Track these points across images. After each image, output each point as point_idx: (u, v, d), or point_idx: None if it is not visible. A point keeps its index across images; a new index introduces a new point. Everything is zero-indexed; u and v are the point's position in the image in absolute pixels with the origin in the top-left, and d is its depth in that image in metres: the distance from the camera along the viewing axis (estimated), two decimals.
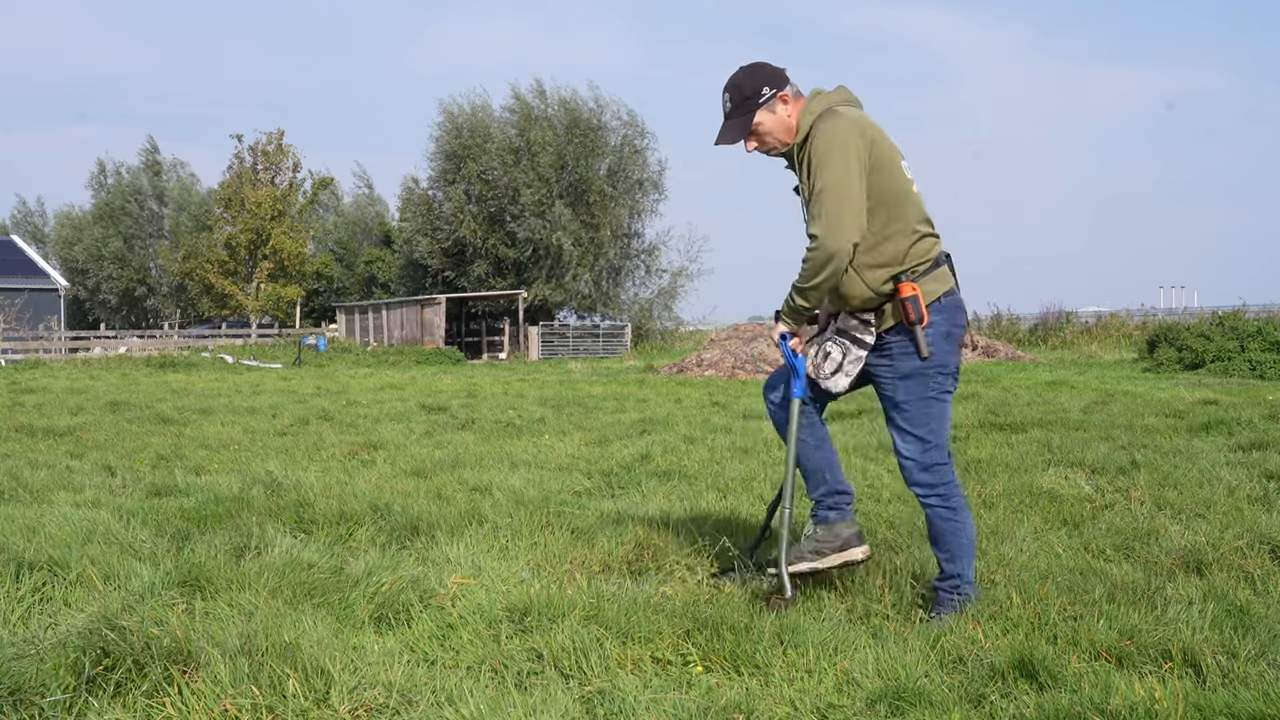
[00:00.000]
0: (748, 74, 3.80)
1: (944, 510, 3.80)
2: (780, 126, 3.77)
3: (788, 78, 3.81)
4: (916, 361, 3.73)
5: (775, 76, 3.78)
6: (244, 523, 5.09)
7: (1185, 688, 2.95)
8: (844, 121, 3.68)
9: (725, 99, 3.82)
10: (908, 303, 3.68)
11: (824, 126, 3.69)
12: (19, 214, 67.11)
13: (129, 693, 3.02)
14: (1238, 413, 9.31)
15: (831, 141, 3.64)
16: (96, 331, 45.85)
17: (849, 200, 3.60)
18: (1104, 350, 25.15)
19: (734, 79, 3.81)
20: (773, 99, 3.75)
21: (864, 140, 3.66)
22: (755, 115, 3.76)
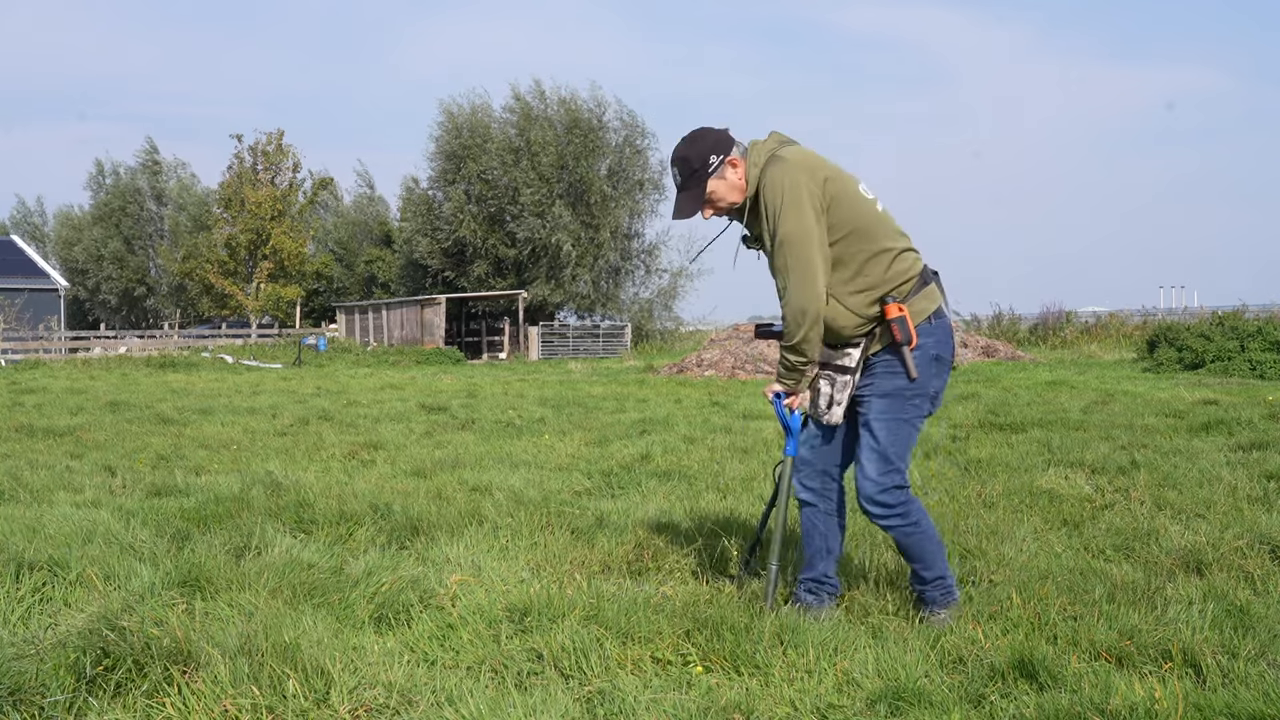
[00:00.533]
0: (692, 145, 3.74)
1: (905, 528, 3.76)
2: (732, 190, 3.73)
3: (732, 139, 3.75)
4: (899, 382, 3.70)
5: (719, 142, 3.73)
6: (244, 523, 5.09)
7: (1185, 688, 2.96)
8: (789, 166, 3.64)
9: (674, 173, 3.77)
10: (894, 324, 3.66)
11: (770, 176, 3.66)
12: (19, 214, 67.14)
13: (129, 693, 3.02)
14: (1238, 413, 9.31)
15: (780, 190, 3.62)
16: (96, 331, 45.86)
17: (809, 246, 3.58)
18: (1104, 350, 25.15)
19: (679, 153, 3.76)
20: (721, 165, 3.71)
21: (814, 180, 3.62)
22: (707, 185, 3.72)
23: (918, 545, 3.78)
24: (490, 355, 38.32)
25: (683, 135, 3.80)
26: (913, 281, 3.72)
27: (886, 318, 3.66)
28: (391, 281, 46.94)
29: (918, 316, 3.70)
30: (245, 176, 43.50)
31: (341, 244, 52.82)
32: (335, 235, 53.34)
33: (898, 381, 3.70)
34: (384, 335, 38.11)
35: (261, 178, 43.73)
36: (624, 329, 38.54)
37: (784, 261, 3.61)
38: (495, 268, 40.04)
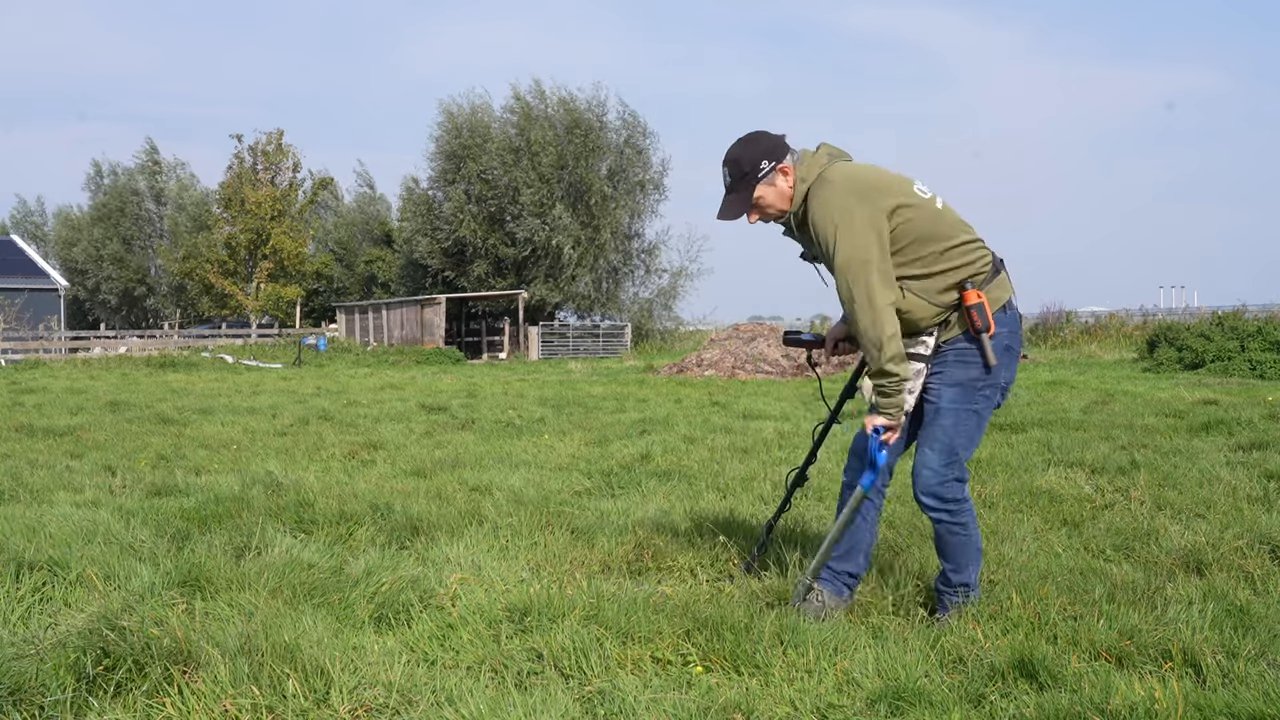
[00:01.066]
0: (746, 147, 3.69)
1: (953, 526, 3.73)
2: (781, 198, 3.68)
3: (787, 146, 3.70)
4: (973, 371, 3.66)
5: (774, 148, 3.67)
6: (244, 523, 5.09)
7: (1185, 688, 2.96)
8: (836, 190, 3.58)
9: (725, 173, 3.72)
10: (974, 310, 3.61)
11: (819, 200, 3.60)
12: (19, 214, 67.14)
13: (129, 693, 3.02)
14: (1238, 413, 9.31)
15: (829, 216, 3.56)
16: (96, 331, 45.85)
17: (867, 271, 3.52)
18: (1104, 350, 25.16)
19: (733, 153, 3.71)
20: (772, 172, 3.65)
21: (865, 201, 3.56)
22: (755, 190, 3.66)
23: (959, 546, 3.75)
24: (490, 355, 38.31)
25: (739, 136, 3.75)
26: (987, 270, 3.70)
27: (965, 304, 3.63)
28: (391, 281, 46.93)
29: (993, 304, 3.67)
30: (245, 176, 43.49)
31: (341, 244, 52.82)
32: (335, 235, 53.34)
33: (971, 371, 3.66)
34: (384, 335, 38.10)
35: (261, 178, 43.73)
36: (624, 329, 38.54)
37: (845, 290, 3.56)
38: (495, 268, 40.03)
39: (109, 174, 58.90)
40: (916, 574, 4.22)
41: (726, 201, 3.73)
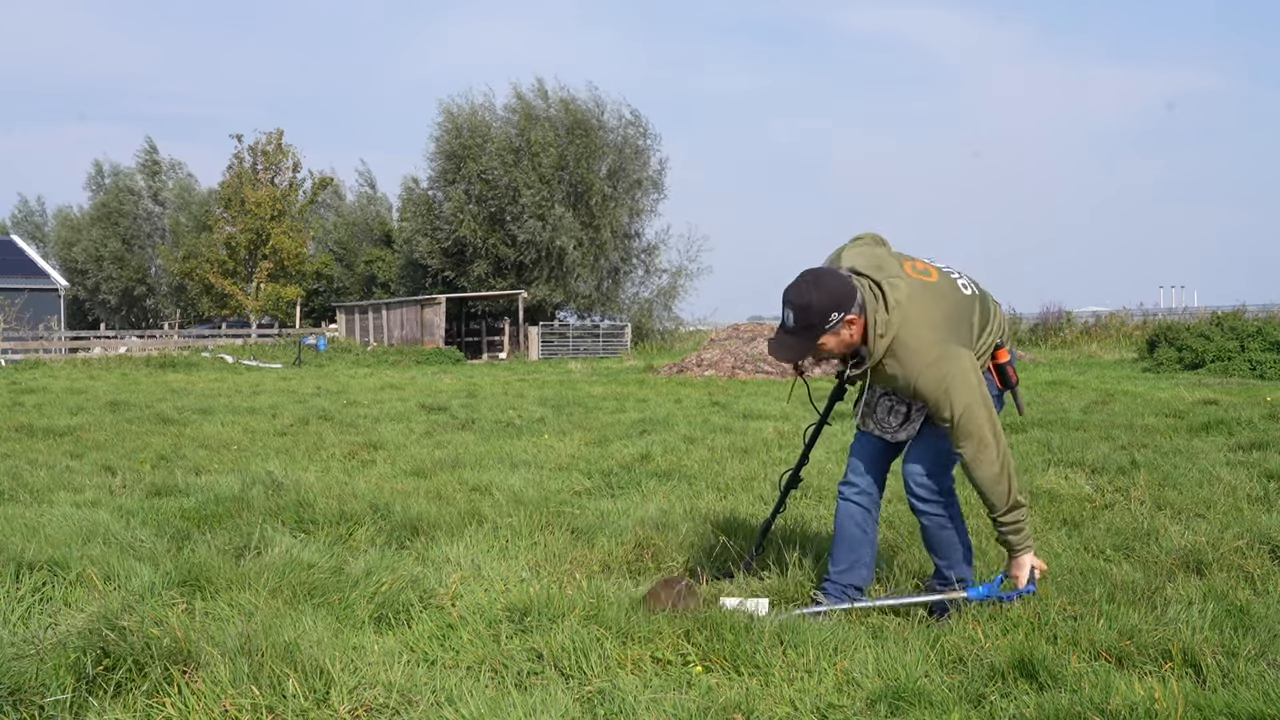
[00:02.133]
0: (817, 292, 3.50)
1: (943, 520, 3.80)
2: (841, 345, 3.60)
3: (855, 289, 3.53)
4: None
5: (845, 296, 3.50)
6: (244, 523, 5.09)
7: (1185, 688, 2.96)
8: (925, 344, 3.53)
9: (789, 314, 3.53)
10: (1009, 367, 3.79)
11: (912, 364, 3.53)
12: (19, 214, 67.13)
13: (129, 693, 3.02)
14: (1238, 413, 9.31)
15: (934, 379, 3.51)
16: (96, 331, 45.84)
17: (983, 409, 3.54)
18: (1104, 350, 25.15)
19: (802, 298, 3.50)
20: (840, 323, 3.51)
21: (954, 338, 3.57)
22: (820, 338, 3.54)
23: (949, 541, 3.82)
24: (490, 355, 38.31)
25: (806, 272, 3.57)
26: (1006, 325, 3.85)
27: (998, 361, 3.77)
28: (391, 281, 46.92)
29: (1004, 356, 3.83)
30: (245, 176, 43.48)
31: (341, 244, 52.80)
32: (335, 235, 53.32)
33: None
34: (384, 335, 38.10)
35: (261, 178, 43.72)
36: (624, 329, 38.54)
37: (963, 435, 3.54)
38: (495, 268, 40.02)
39: (110, 174, 58.90)
40: (916, 574, 4.23)
41: (785, 343, 3.58)
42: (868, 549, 3.93)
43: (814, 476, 6.50)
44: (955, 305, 3.67)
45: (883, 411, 3.85)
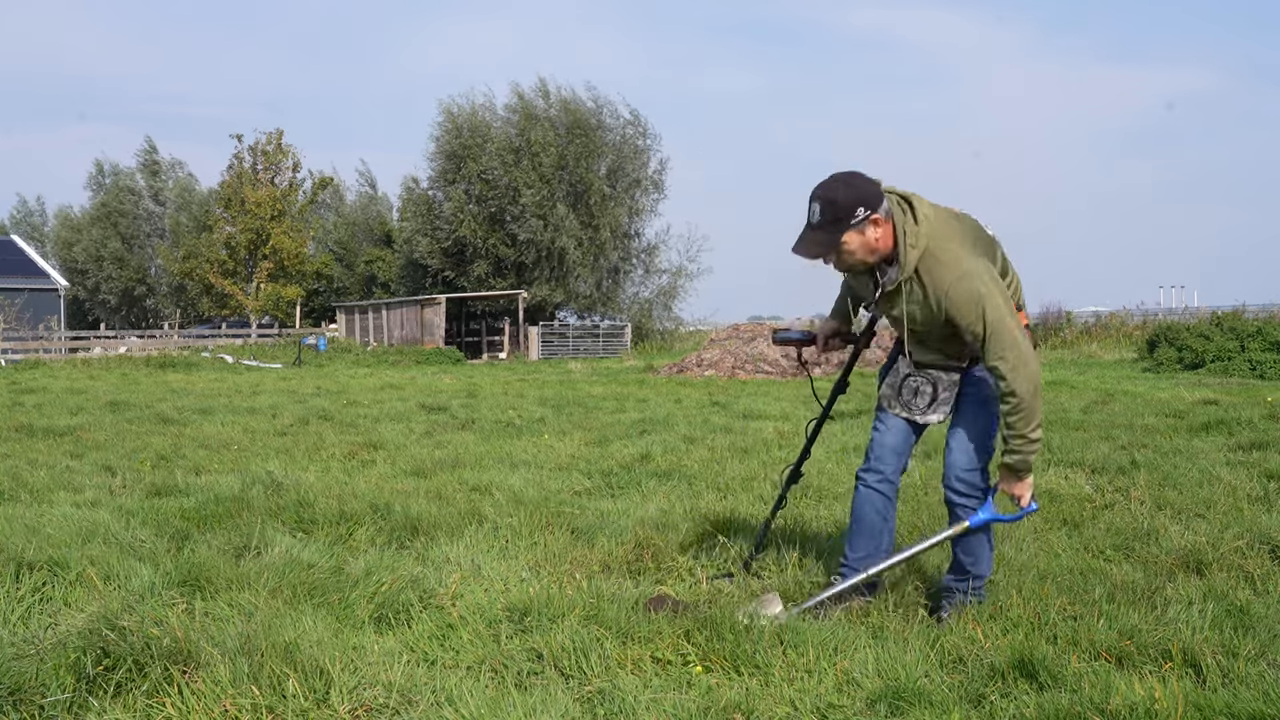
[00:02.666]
0: (845, 188, 3.50)
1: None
2: (865, 249, 3.55)
3: (882, 194, 3.55)
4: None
5: (872, 195, 3.51)
6: (244, 523, 5.09)
7: (1185, 688, 2.96)
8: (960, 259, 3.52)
9: (815, 209, 3.49)
10: (1027, 331, 3.65)
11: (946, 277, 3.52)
12: (19, 214, 67.12)
13: (129, 693, 3.02)
14: (1238, 413, 9.31)
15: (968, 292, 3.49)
16: (96, 331, 45.83)
17: (1014, 327, 3.51)
18: (1104, 350, 25.15)
19: (831, 191, 3.50)
20: (865, 221, 3.49)
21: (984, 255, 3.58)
22: (845, 234, 3.50)
23: (978, 540, 3.81)
24: (490, 355, 38.30)
25: (837, 172, 3.57)
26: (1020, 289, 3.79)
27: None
28: (391, 281, 46.92)
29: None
30: (245, 176, 43.47)
31: (341, 244, 52.80)
32: (335, 235, 53.32)
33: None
34: (384, 335, 38.10)
35: (261, 178, 43.71)
36: (624, 329, 38.54)
37: (1000, 346, 3.50)
38: (495, 268, 40.03)
39: (110, 173, 58.89)
40: (916, 573, 4.22)
41: (810, 239, 3.53)
42: (887, 537, 3.93)
43: (814, 476, 6.50)
44: (980, 234, 3.68)
45: (908, 393, 3.82)
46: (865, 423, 9.81)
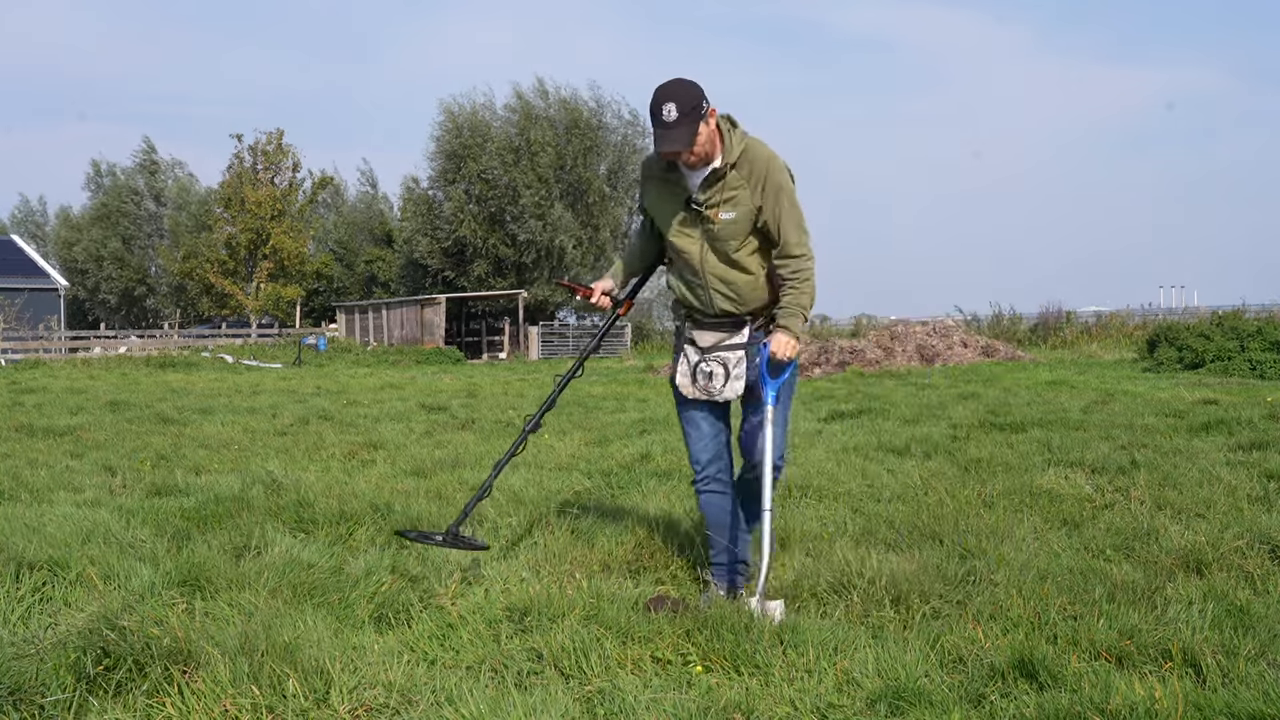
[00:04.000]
0: (685, 87, 3.85)
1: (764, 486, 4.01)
2: (709, 140, 3.87)
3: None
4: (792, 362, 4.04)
5: (703, 94, 3.88)
6: (244, 523, 5.09)
7: (1185, 688, 2.96)
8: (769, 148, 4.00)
9: (669, 108, 3.79)
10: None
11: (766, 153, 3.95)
12: (19, 213, 67.13)
13: (129, 692, 3.02)
14: (1238, 413, 9.30)
15: (783, 168, 3.95)
16: (96, 331, 45.84)
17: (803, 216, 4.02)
18: (1104, 350, 25.14)
19: (677, 89, 3.84)
20: (707, 113, 3.84)
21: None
22: (698, 124, 3.80)
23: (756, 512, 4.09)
24: (490, 355, 38.31)
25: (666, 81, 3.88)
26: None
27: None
28: (391, 281, 46.92)
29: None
30: (245, 176, 43.48)
31: (341, 244, 52.80)
32: (335, 235, 53.31)
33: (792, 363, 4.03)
34: (384, 335, 38.10)
35: (261, 177, 43.72)
36: (624, 329, 38.54)
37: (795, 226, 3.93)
38: (495, 267, 40.04)
39: (108, 174, 58.87)
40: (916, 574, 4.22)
41: (676, 134, 3.79)
42: (739, 524, 4.19)
43: (814, 476, 6.50)
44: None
45: (703, 377, 4.08)
46: (866, 423, 9.82)
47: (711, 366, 4.07)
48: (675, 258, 4.12)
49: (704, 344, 4.10)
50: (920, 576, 4.03)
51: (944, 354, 21.13)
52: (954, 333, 22.76)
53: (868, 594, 3.91)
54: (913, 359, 20.97)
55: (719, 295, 4.05)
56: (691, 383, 4.12)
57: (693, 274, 4.06)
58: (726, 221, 3.95)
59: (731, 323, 4.08)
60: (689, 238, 4.02)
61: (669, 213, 4.06)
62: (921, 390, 13.54)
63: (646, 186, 4.14)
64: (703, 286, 4.06)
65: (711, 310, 4.08)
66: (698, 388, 4.10)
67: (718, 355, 4.08)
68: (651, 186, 4.11)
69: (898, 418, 10.17)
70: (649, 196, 4.13)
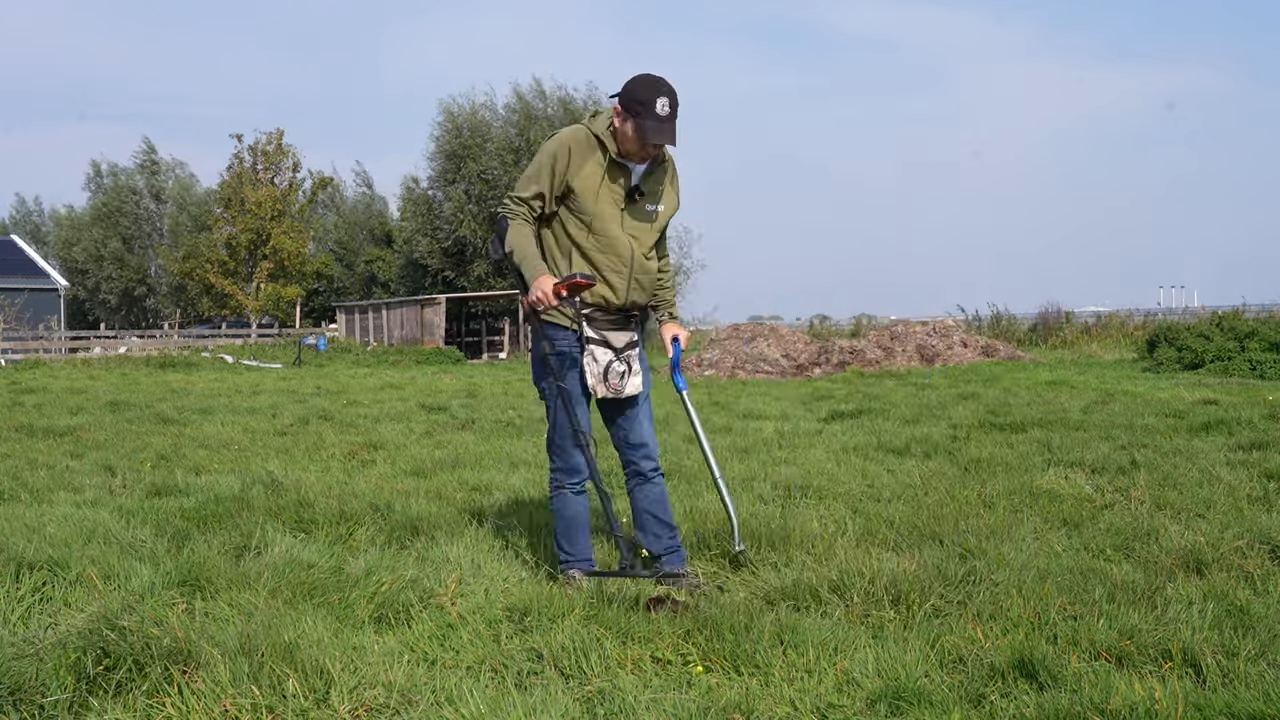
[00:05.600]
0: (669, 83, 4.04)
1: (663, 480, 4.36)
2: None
3: None
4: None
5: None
6: (244, 523, 5.09)
7: (1185, 688, 2.96)
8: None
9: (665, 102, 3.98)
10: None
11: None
12: (18, 214, 67.12)
13: (129, 693, 3.02)
14: (1238, 413, 9.30)
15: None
16: (96, 331, 45.84)
17: None
18: (1104, 350, 25.14)
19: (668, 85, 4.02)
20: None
21: None
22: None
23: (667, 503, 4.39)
24: (490, 355, 38.31)
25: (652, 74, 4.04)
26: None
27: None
28: (391, 281, 46.93)
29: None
30: (245, 176, 43.48)
31: (341, 244, 52.81)
32: (335, 235, 53.33)
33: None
34: (384, 335, 38.10)
35: (261, 178, 43.72)
36: None
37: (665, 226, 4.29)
38: (495, 268, 40.01)
39: (108, 174, 58.87)
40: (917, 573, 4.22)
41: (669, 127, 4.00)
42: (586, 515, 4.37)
43: (814, 476, 6.51)
44: None
45: (615, 376, 4.18)
46: (866, 423, 9.82)
47: (621, 366, 4.19)
48: (596, 245, 4.07)
49: (618, 344, 4.19)
50: (920, 576, 4.02)
51: (944, 354, 21.14)
52: (954, 333, 22.77)
53: (868, 594, 3.90)
54: (913, 359, 20.98)
55: (636, 287, 4.17)
56: (603, 381, 4.17)
57: (618, 265, 4.09)
58: (661, 213, 4.20)
59: (633, 319, 4.25)
60: (621, 226, 4.09)
61: (605, 199, 4.06)
62: (921, 390, 13.55)
63: (575, 163, 4.02)
64: (623, 277, 4.10)
65: (619, 302, 4.14)
66: (608, 387, 4.17)
67: (625, 354, 4.21)
68: (585, 166, 4.03)
69: (898, 418, 10.18)
70: (578, 175, 4.03)
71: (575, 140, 4.05)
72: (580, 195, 4.04)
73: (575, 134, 4.07)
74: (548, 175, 4.05)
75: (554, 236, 4.15)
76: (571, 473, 4.27)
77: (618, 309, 4.17)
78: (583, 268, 4.05)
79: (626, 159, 4.06)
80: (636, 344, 4.28)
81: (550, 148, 4.07)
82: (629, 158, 4.05)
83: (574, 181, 4.02)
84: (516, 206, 4.11)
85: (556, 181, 4.04)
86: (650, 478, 4.34)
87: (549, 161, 4.04)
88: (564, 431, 4.20)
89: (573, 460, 4.24)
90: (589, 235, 4.07)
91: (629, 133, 3.99)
